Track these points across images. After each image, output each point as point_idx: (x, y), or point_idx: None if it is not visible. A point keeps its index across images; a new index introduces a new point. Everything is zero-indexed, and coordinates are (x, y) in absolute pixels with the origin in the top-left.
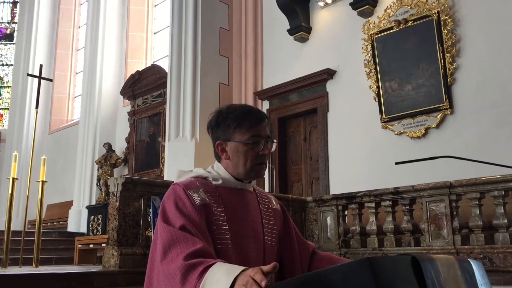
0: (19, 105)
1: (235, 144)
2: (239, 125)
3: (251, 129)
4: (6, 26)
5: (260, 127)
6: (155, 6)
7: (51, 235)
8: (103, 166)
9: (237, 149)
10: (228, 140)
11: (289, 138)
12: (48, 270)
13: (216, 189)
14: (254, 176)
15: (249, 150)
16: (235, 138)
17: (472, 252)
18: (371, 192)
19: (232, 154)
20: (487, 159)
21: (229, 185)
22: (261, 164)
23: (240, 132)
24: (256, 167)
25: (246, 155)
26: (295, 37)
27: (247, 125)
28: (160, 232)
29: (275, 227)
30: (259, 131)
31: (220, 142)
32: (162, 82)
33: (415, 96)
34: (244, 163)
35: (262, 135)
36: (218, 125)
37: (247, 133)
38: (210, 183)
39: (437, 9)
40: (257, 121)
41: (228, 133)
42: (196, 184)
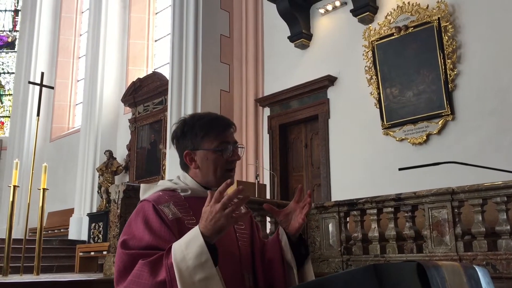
0: (20, 113)
1: (204, 152)
2: (207, 133)
3: (219, 136)
4: (8, 34)
5: (227, 133)
6: (156, 14)
7: (52, 243)
8: (104, 174)
9: (207, 157)
10: (196, 149)
11: (290, 145)
12: (49, 278)
13: (186, 201)
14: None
15: (218, 157)
16: (203, 146)
17: (475, 259)
18: (373, 198)
19: (201, 162)
20: (488, 165)
21: (198, 194)
22: (231, 171)
23: (209, 140)
24: (226, 174)
25: (216, 163)
26: (295, 44)
27: (215, 133)
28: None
29: (245, 231)
30: (227, 137)
31: (188, 152)
32: (163, 89)
33: (416, 103)
34: (214, 170)
35: (230, 141)
36: (185, 135)
37: (215, 141)
38: (179, 195)
39: (437, 15)
40: (225, 128)
41: (196, 142)
42: (165, 198)
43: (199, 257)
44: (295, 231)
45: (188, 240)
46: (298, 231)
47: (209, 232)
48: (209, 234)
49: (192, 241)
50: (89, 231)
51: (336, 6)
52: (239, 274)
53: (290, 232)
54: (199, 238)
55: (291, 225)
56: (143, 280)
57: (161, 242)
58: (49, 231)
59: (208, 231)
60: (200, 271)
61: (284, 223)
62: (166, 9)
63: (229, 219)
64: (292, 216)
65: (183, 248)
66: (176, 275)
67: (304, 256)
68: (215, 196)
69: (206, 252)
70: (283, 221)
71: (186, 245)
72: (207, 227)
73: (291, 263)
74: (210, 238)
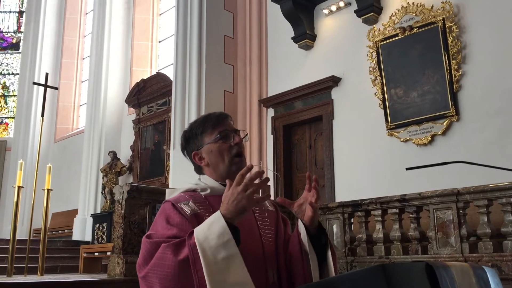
0: (24, 114)
1: (207, 146)
2: (204, 129)
3: (216, 127)
4: (12, 35)
5: (223, 122)
6: (160, 15)
7: (56, 243)
8: (108, 174)
9: (211, 149)
10: (200, 147)
11: (294, 145)
12: (53, 279)
13: (206, 199)
14: (236, 170)
15: (221, 145)
16: (205, 141)
17: (480, 260)
18: (377, 199)
19: (208, 156)
20: (494, 165)
21: (218, 193)
22: (238, 156)
23: (207, 134)
24: (235, 160)
25: (220, 151)
26: (299, 44)
27: (211, 126)
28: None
29: (270, 227)
30: (224, 126)
31: (195, 152)
32: (167, 90)
33: (420, 103)
34: (222, 159)
35: (229, 128)
36: (188, 140)
37: (214, 132)
38: (199, 194)
39: (442, 16)
40: (219, 119)
41: (198, 141)
42: (185, 197)
43: (222, 237)
44: (310, 220)
45: (210, 222)
46: (312, 221)
47: (230, 213)
48: (231, 215)
49: (214, 222)
50: (93, 231)
51: (340, 6)
52: (263, 269)
53: (306, 222)
54: (221, 219)
55: (305, 215)
56: (167, 261)
57: (182, 233)
58: (53, 232)
59: (229, 213)
60: (223, 250)
61: (299, 213)
62: (170, 10)
63: (250, 200)
64: (305, 206)
65: (205, 229)
66: (200, 254)
67: (325, 245)
68: (237, 179)
69: (228, 232)
70: (298, 212)
71: (209, 227)
72: (229, 209)
73: (310, 255)
74: (232, 219)
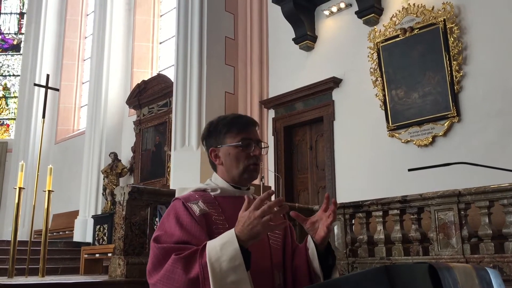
0: (25, 115)
1: (227, 147)
2: (229, 130)
3: (241, 133)
4: (13, 37)
5: (249, 130)
6: (160, 16)
7: (57, 245)
8: (109, 176)
9: (229, 152)
10: (220, 146)
11: (295, 146)
12: (54, 280)
13: (215, 199)
14: (248, 178)
15: (240, 152)
16: (226, 142)
17: (481, 262)
18: (378, 200)
19: (224, 158)
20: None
21: (228, 194)
22: (254, 165)
23: (231, 136)
24: (249, 168)
25: (238, 158)
26: (300, 46)
27: (236, 129)
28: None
29: (279, 233)
30: (249, 134)
31: (213, 149)
32: (168, 91)
33: (421, 104)
34: (237, 165)
35: (253, 138)
36: (210, 134)
37: (237, 137)
38: (209, 194)
39: (443, 17)
40: (247, 125)
41: (219, 139)
42: (195, 197)
43: (233, 260)
44: (321, 240)
45: (224, 242)
46: (323, 241)
47: (244, 236)
48: (244, 238)
49: (228, 243)
50: (94, 233)
51: (341, 7)
52: (270, 272)
53: (317, 241)
54: (234, 242)
55: (317, 234)
56: (177, 276)
57: (190, 237)
58: (54, 233)
59: (243, 236)
60: (233, 274)
61: (311, 231)
62: (170, 11)
63: (266, 226)
64: (318, 224)
65: (217, 249)
66: (210, 275)
67: (332, 266)
68: (256, 203)
69: (240, 256)
70: (310, 229)
71: (221, 247)
72: (243, 231)
73: (318, 273)
74: (245, 242)
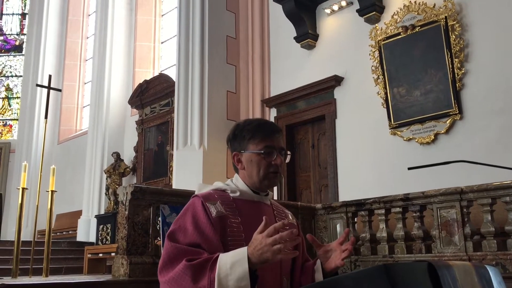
0: (28, 116)
1: (249, 154)
2: (253, 136)
3: (264, 140)
4: (15, 37)
5: (273, 138)
6: (162, 15)
7: (60, 244)
8: (112, 175)
9: (251, 159)
10: (243, 151)
11: (297, 145)
12: (57, 280)
13: (234, 201)
14: (268, 185)
15: (262, 160)
16: (249, 148)
17: (484, 259)
18: (380, 199)
19: (246, 164)
20: (496, 164)
21: (247, 197)
22: (274, 173)
23: (254, 142)
24: (269, 175)
25: (259, 165)
26: (302, 44)
27: (260, 136)
28: (164, 247)
29: None
30: (272, 142)
31: (236, 153)
32: (169, 91)
33: (423, 102)
34: (258, 172)
35: (275, 146)
36: (235, 137)
37: (260, 144)
38: (228, 195)
39: (444, 14)
40: (271, 133)
41: (243, 144)
42: (214, 197)
43: (240, 281)
44: (331, 270)
45: (235, 261)
46: (334, 271)
47: (254, 259)
48: (254, 261)
49: (238, 263)
50: (97, 232)
51: (342, 6)
52: (278, 276)
53: (326, 269)
54: (245, 263)
55: (329, 263)
56: (184, 283)
57: (203, 240)
58: (57, 233)
59: (254, 258)
60: None
61: (323, 258)
62: (172, 11)
63: (275, 255)
64: (331, 254)
65: (228, 266)
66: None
67: None
68: (269, 230)
69: (247, 278)
70: (321, 256)
71: (232, 265)
72: (254, 254)
73: None
74: (254, 265)
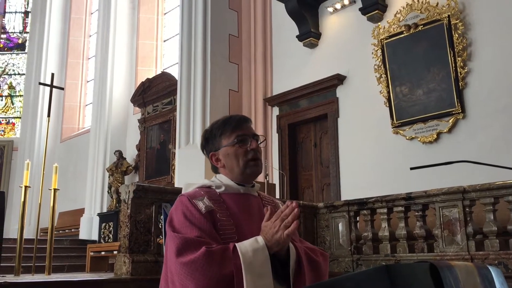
0: (31, 114)
1: (224, 149)
2: (223, 132)
3: (235, 131)
4: (18, 36)
5: (243, 127)
6: (164, 14)
7: (63, 242)
8: (114, 174)
9: (227, 152)
10: (218, 149)
11: (299, 144)
12: (60, 278)
13: (220, 196)
14: (250, 173)
15: (238, 149)
16: (223, 144)
17: (486, 258)
18: (383, 197)
19: (225, 159)
20: (499, 163)
21: (232, 191)
22: (254, 160)
23: (226, 136)
24: (249, 164)
25: (236, 155)
26: (304, 43)
27: (230, 129)
28: (171, 239)
29: None
30: (243, 130)
31: (212, 153)
32: (172, 89)
33: (426, 101)
34: (237, 163)
35: (247, 133)
36: (207, 140)
37: (232, 135)
38: (214, 191)
39: (447, 13)
40: (239, 123)
41: (216, 143)
42: (200, 193)
43: (263, 266)
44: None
45: (255, 248)
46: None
47: (269, 243)
48: (270, 245)
49: (259, 250)
50: (99, 231)
51: (345, 4)
52: None
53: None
54: (265, 250)
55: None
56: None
57: (202, 233)
58: (60, 231)
59: (269, 242)
60: (262, 278)
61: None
62: (174, 9)
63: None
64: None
65: (250, 254)
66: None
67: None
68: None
69: (269, 263)
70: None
71: (253, 252)
72: (268, 238)
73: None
74: (270, 249)
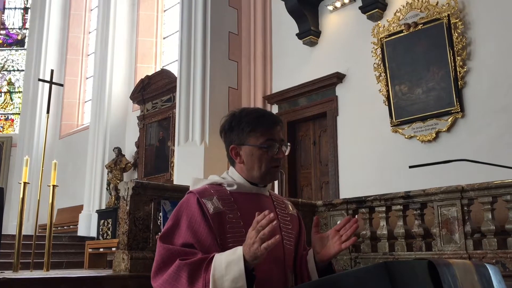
0: (30, 110)
1: (250, 148)
2: (254, 129)
3: (266, 133)
4: (18, 32)
5: (274, 131)
6: (164, 11)
7: (61, 239)
8: (113, 171)
9: (252, 153)
10: (242, 144)
11: (298, 142)
12: (58, 274)
13: (231, 195)
14: (270, 179)
15: (263, 154)
16: (249, 142)
17: (484, 257)
18: (381, 196)
19: (246, 158)
20: (498, 162)
21: (244, 190)
22: (276, 167)
23: (255, 136)
24: (271, 170)
25: (260, 159)
26: (304, 41)
27: (261, 129)
28: (157, 249)
29: (292, 232)
30: (273, 135)
31: (234, 146)
32: (171, 86)
33: (425, 100)
34: (259, 166)
35: (276, 139)
36: (232, 128)
37: (261, 137)
38: (225, 189)
39: (447, 12)
40: (272, 125)
41: (242, 137)
42: (210, 192)
43: (235, 282)
44: (328, 257)
45: (230, 261)
46: (330, 258)
47: (247, 256)
48: (248, 258)
49: (233, 262)
50: (98, 227)
51: (344, 3)
52: (283, 272)
53: (321, 258)
54: (240, 262)
55: (326, 250)
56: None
57: (195, 240)
58: (58, 228)
59: (247, 255)
60: None
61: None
62: (174, 6)
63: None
64: (327, 242)
65: (223, 267)
66: None
67: None
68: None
69: (243, 278)
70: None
71: (227, 265)
72: (246, 251)
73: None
74: (249, 263)
